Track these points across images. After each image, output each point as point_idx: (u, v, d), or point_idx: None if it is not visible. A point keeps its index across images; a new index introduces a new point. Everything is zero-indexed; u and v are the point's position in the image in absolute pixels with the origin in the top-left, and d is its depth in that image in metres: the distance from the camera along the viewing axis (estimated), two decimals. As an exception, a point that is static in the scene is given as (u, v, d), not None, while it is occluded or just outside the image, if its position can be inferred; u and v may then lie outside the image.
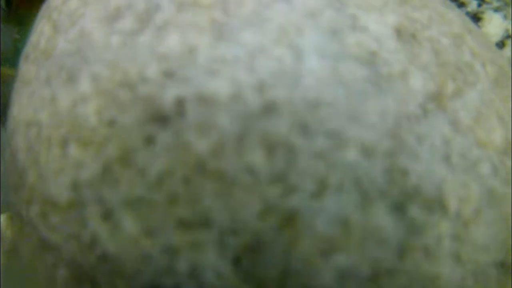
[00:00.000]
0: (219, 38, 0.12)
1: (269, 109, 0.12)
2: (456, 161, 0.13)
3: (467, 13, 0.18)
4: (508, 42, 0.19)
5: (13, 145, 0.14)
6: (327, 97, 0.12)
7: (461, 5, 0.17)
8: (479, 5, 0.17)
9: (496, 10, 0.17)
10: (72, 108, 0.13)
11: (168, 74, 0.12)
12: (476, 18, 0.17)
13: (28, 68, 0.14)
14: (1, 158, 0.17)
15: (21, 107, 0.14)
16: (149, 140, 0.12)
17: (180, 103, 0.12)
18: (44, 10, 0.15)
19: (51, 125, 0.13)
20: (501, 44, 0.19)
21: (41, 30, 0.14)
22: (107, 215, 0.12)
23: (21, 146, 0.13)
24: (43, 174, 0.13)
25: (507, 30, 0.18)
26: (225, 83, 0.12)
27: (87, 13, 0.13)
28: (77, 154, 0.12)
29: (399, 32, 0.14)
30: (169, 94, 0.12)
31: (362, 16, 0.14)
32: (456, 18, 0.16)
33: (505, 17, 0.18)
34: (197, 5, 0.13)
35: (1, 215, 0.16)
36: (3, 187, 0.16)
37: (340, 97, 0.12)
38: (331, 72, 0.12)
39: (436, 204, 0.12)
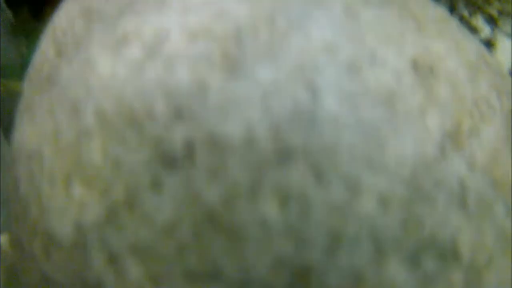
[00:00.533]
0: (232, 73, 0.11)
1: (284, 156, 0.10)
2: (471, 205, 0.12)
3: (480, 40, 0.16)
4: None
5: (15, 173, 0.13)
6: (345, 142, 0.11)
7: (474, 30, 0.16)
8: (492, 31, 0.15)
9: (509, 35, 0.16)
10: (75, 143, 0.11)
11: (177, 113, 0.11)
12: (489, 44, 0.16)
13: (31, 93, 0.13)
14: (1, 172, 0.15)
15: (24, 134, 0.12)
16: (157, 185, 0.11)
17: (189, 146, 0.11)
18: (49, 28, 0.13)
19: (54, 160, 0.12)
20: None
21: (45, 51, 0.13)
22: (112, 260, 0.11)
23: (24, 177, 0.12)
24: (46, 210, 0.12)
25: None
26: (237, 126, 0.11)
27: (93, 38, 0.12)
28: (81, 194, 0.11)
29: (416, 65, 0.13)
30: (178, 136, 0.11)
31: (380, 48, 0.12)
32: (471, 46, 0.14)
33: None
34: (209, 35, 0.11)
35: (1, 235, 0.15)
36: (3, 206, 0.15)
37: (358, 141, 0.11)
38: (349, 113, 0.11)
39: (450, 254, 0.11)
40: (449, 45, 0.14)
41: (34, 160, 0.12)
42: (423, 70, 0.13)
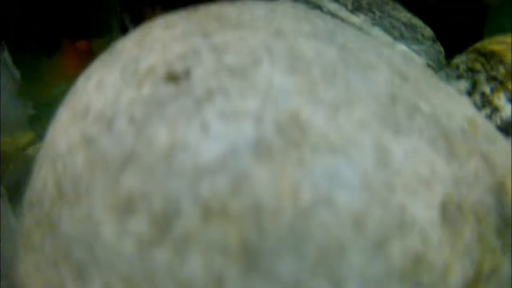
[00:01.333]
0: (250, 268, 0.09)
1: None
2: None
3: (502, 120, 0.14)
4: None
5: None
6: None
7: (495, 110, 0.14)
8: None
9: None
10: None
11: (192, 311, 0.09)
12: (509, 126, 0.14)
13: (32, 227, 0.11)
14: (1, 242, 0.14)
15: (29, 276, 0.11)
16: None
17: None
18: (47, 148, 0.11)
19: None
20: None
21: (45, 180, 0.11)
22: None
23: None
24: None
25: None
26: (256, 331, 0.09)
27: (95, 192, 0.10)
28: None
29: (445, 210, 0.11)
30: (193, 337, 0.09)
31: (410, 201, 0.10)
32: (497, 156, 0.12)
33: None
34: (225, 214, 0.09)
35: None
36: (3, 278, 0.14)
37: (378, 333, 0.10)
38: (372, 303, 0.10)
39: None
40: (478, 165, 0.12)
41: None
42: (450, 213, 0.11)
